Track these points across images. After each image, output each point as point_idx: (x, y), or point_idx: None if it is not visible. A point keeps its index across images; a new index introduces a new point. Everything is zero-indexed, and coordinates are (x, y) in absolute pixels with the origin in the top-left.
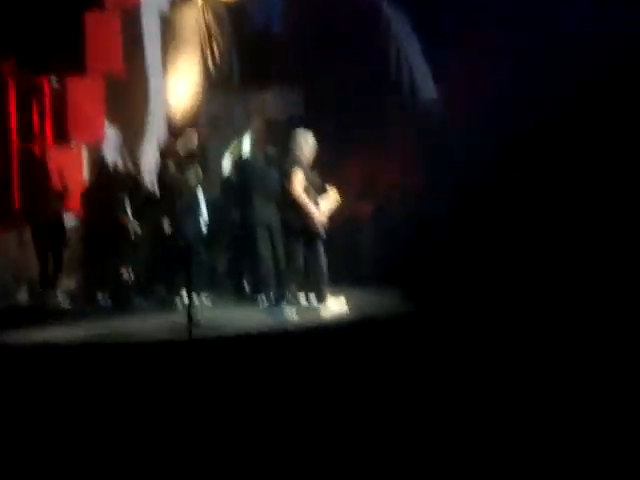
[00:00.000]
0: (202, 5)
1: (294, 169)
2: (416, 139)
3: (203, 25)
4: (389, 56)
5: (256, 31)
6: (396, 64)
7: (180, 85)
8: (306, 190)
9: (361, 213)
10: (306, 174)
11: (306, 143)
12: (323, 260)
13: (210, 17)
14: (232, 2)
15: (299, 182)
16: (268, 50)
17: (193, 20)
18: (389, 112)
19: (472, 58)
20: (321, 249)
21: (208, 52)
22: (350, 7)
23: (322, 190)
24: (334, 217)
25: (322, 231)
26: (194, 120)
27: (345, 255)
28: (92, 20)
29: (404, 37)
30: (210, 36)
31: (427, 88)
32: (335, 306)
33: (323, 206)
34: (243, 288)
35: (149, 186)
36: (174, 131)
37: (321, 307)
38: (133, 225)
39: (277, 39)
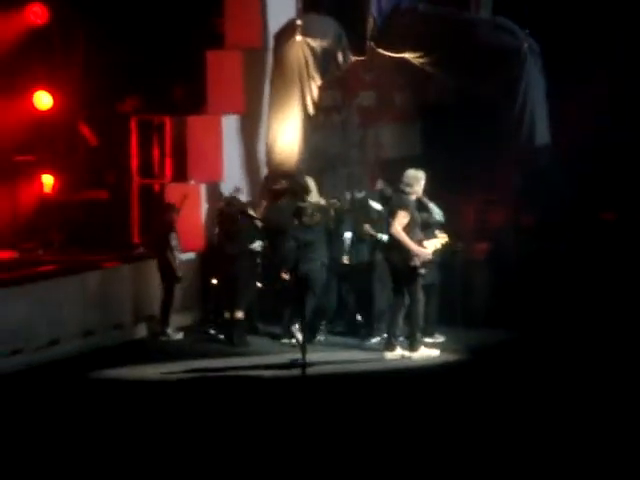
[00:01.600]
0: (302, 41)
1: (399, 210)
2: (529, 179)
3: (303, 61)
4: (516, 101)
5: None
6: (520, 109)
7: (286, 123)
8: (412, 229)
9: (476, 252)
10: (413, 213)
11: (417, 182)
12: (419, 305)
13: (309, 53)
14: None
15: (400, 222)
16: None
17: (295, 57)
18: (504, 154)
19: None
20: (417, 295)
21: (310, 88)
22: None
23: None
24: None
25: (421, 270)
26: (300, 160)
27: (460, 295)
28: (213, 60)
29: (534, 78)
30: (310, 73)
31: (543, 133)
32: (424, 354)
33: (429, 246)
34: (357, 326)
35: (263, 224)
36: (282, 170)
37: (412, 354)
38: (246, 262)
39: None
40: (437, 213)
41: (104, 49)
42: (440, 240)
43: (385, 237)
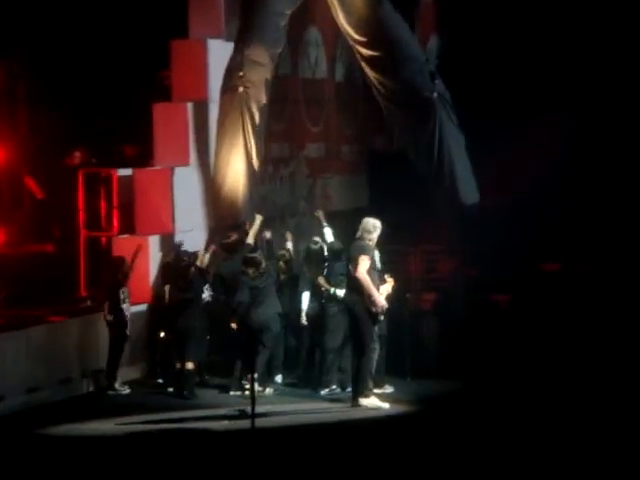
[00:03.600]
0: (243, 93)
1: (361, 255)
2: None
3: (247, 114)
4: (434, 155)
5: None
6: (438, 166)
7: (231, 175)
8: (371, 275)
9: (424, 302)
10: (373, 259)
11: (375, 230)
12: (373, 354)
13: (253, 104)
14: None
15: (364, 267)
16: None
17: (238, 109)
18: (440, 207)
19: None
20: (372, 343)
21: (254, 140)
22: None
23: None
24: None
25: (382, 314)
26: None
27: (409, 345)
28: (160, 112)
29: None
30: (253, 125)
31: (468, 192)
32: (375, 404)
33: (382, 291)
34: (308, 378)
35: (210, 276)
36: (231, 222)
37: (362, 401)
38: (196, 314)
39: None
40: (378, 260)
41: (49, 103)
42: (389, 284)
43: (340, 292)
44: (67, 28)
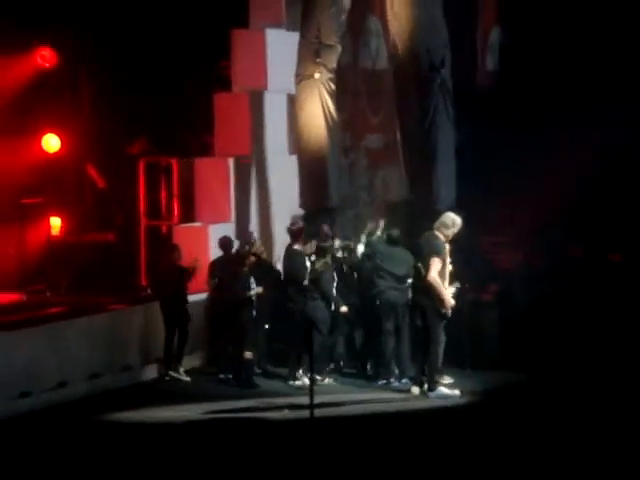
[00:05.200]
0: (320, 78)
1: (434, 257)
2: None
3: (326, 99)
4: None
5: None
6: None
7: (310, 162)
8: (442, 276)
9: (485, 294)
10: (445, 260)
11: (453, 225)
12: (440, 347)
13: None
14: None
15: (436, 269)
16: None
17: (315, 96)
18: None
19: None
20: (440, 336)
21: (333, 126)
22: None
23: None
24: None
25: (449, 313)
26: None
27: (469, 336)
28: (220, 102)
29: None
30: (332, 110)
31: (445, 195)
32: (442, 393)
33: (450, 292)
34: (365, 367)
35: (274, 266)
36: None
37: (429, 393)
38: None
39: None
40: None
41: (112, 92)
42: (455, 285)
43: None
44: (130, 17)
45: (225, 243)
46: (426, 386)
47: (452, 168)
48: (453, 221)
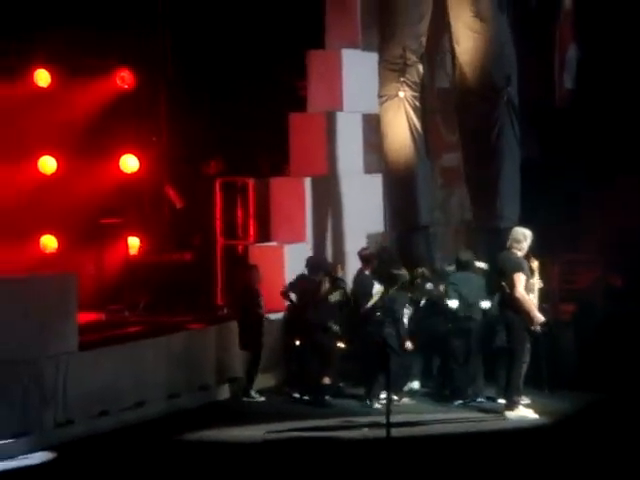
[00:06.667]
0: (406, 97)
1: (516, 273)
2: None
3: (412, 117)
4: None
5: None
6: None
7: (398, 182)
8: (527, 292)
9: (562, 313)
10: (527, 275)
11: (525, 239)
12: (523, 367)
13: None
14: None
15: (522, 285)
16: None
17: (401, 114)
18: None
19: None
20: (524, 356)
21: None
22: None
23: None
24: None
25: (538, 329)
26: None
27: (546, 356)
28: (296, 122)
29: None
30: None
31: (507, 214)
32: (520, 414)
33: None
34: (442, 388)
35: (347, 288)
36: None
37: (508, 414)
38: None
39: None
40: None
41: (189, 112)
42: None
43: (486, 304)
44: (207, 40)
45: (313, 264)
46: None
47: (516, 186)
48: (524, 234)
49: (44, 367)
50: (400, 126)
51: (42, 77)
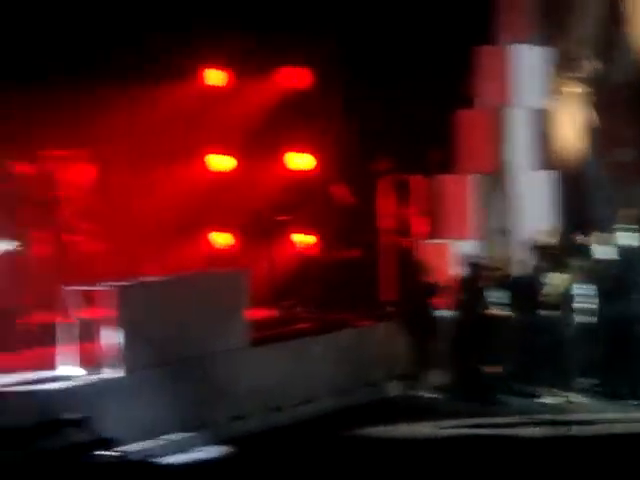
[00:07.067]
0: (577, 93)
1: None
2: None
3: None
4: None
5: None
6: None
7: (570, 178)
8: None
9: None
10: None
11: None
12: None
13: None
14: None
15: None
16: None
17: (574, 111)
18: None
19: None
20: None
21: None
22: None
23: None
24: None
25: None
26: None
27: None
28: (464, 119)
29: None
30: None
31: None
32: None
33: None
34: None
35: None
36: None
37: None
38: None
39: None
40: None
41: (361, 111)
42: None
43: None
44: (377, 38)
45: (474, 261)
46: None
47: None
48: None
49: (217, 362)
50: (572, 122)
51: (214, 77)
